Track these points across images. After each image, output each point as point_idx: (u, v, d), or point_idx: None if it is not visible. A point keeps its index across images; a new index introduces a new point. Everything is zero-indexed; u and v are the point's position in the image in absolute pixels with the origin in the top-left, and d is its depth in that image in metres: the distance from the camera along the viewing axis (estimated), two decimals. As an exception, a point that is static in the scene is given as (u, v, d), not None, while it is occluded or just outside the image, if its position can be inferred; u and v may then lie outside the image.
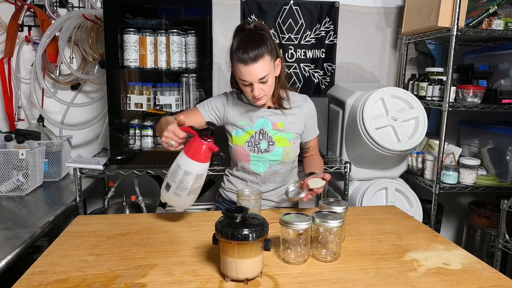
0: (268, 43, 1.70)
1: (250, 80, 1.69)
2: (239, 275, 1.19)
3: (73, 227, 1.63)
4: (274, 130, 1.88)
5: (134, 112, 2.57)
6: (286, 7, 3.04)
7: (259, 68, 1.67)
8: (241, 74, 1.69)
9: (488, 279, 1.25)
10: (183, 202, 1.62)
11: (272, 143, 1.87)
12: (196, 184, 1.56)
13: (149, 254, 1.38)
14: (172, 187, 1.57)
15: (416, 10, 2.91)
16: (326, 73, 3.19)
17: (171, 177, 1.56)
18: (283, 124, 1.89)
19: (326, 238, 1.35)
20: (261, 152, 1.87)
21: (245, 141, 1.89)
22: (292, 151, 1.91)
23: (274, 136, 1.87)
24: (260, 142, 1.87)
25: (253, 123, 1.89)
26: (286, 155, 1.88)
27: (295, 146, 1.92)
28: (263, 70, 1.68)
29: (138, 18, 2.53)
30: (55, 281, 1.19)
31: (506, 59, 2.95)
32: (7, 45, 2.79)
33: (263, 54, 1.67)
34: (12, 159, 2.33)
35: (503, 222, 2.51)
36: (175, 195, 1.57)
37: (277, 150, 1.87)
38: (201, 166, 1.53)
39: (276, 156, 1.87)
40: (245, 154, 1.89)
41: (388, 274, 1.27)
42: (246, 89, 1.76)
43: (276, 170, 1.91)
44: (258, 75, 1.68)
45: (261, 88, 1.72)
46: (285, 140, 1.89)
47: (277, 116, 1.90)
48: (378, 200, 2.73)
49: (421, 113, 2.55)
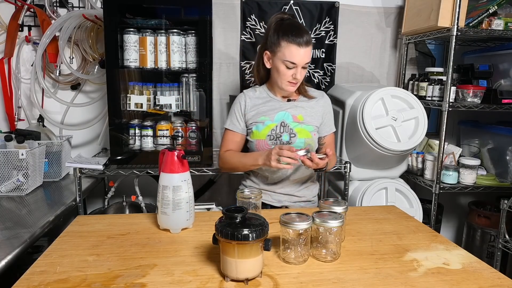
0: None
1: (299, 62, 1.82)
2: (239, 275, 1.19)
3: (73, 227, 1.63)
4: (295, 123, 1.94)
5: (134, 112, 2.57)
6: (286, 7, 3.04)
7: (308, 53, 1.83)
8: (292, 55, 1.81)
9: (488, 279, 1.25)
10: (173, 221, 1.57)
11: (294, 135, 1.92)
12: (177, 197, 1.53)
13: (149, 254, 1.38)
14: (158, 208, 1.58)
15: (416, 10, 2.91)
16: (326, 73, 3.19)
17: (157, 201, 1.58)
18: (303, 116, 1.96)
19: (326, 238, 1.35)
20: (283, 144, 1.90)
21: (266, 135, 1.94)
22: (313, 143, 1.97)
23: (295, 128, 1.93)
24: (282, 135, 1.93)
25: (273, 116, 1.95)
26: (308, 146, 1.92)
27: (315, 138, 1.98)
28: (309, 56, 1.85)
29: (138, 18, 2.52)
30: (55, 281, 1.18)
31: (506, 59, 2.95)
32: (7, 45, 2.79)
33: (311, 41, 1.84)
34: (12, 159, 2.33)
35: (503, 222, 2.51)
36: (162, 214, 1.56)
37: (299, 141, 1.92)
38: (175, 177, 1.53)
39: (298, 147, 1.87)
40: (268, 147, 1.92)
41: (388, 274, 1.27)
42: (287, 72, 1.86)
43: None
44: (306, 58, 1.84)
45: (301, 73, 1.86)
46: (306, 132, 1.94)
47: (297, 109, 1.97)
48: (378, 200, 2.73)
49: (421, 113, 2.55)
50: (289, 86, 1.90)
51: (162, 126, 2.56)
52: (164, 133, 2.56)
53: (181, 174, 1.54)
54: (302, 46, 1.80)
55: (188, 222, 1.60)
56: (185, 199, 1.55)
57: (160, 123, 2.56)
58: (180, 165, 1.54)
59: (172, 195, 1.53)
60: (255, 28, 3.03)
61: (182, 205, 1.55)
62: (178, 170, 1.53)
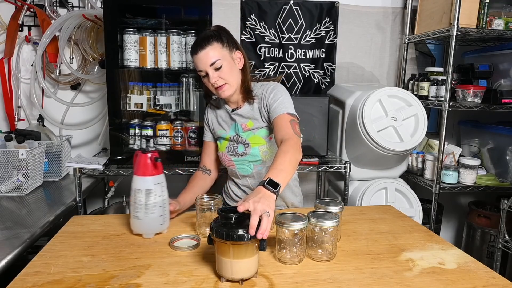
0: (220, 36, 1.78)
1: (202, 67, 1.75)
2: (234, 275, 1.19)
3: (68, 227, 1.63)
4: (246, 132, 1.90)
5: (134, 112, 2.57)
6: (286, 7, 3.04)
7: (208, 54, 1.73)
8: (196, 65, 1.78)
9: (483, 279, 1.25)
10: (145, 226, 1.53)
11: (247, 145, 1.89)
12: (150, 201, 1.50)
13: (144, 255, 1.38)
14: (131, 212, 1.54)
15: (428, 13, 2.92)
16: (326, 73, 3.19)
17: (130, 204, 1.55)
18: (252, 122, 1.90)
19: (321, 238, 1.36)
20: (240, 155, 1.92)
21: (225, 147, 1.95)
22: (270, 149, 1.89)
23: (248, 137, 1.89)
24: (238, 146, 1.92)
25: (227, 130, 1.95)
26: (264, 154, 1.89)
27: (272, 142, 1.89)
28: (213, 56, 1.73)
29: (138, 18, 2.53)
30: (49, 281, 1.19)
31: (506, 59, 2.94)
32: (7, 45, 2.80)
33: (211, 41, 1.74)
34: (12, 159, 2.34)
35: (503, 222, 2.51)
36: (134, 218, 1.53)
37: (254, 150, 1.89)
38: (147, 180, 1.50)
39: (255, 157, 1.89)
40: (228, 160, 1.96)
41: (384, 273, 1.27)
42: (205, 82, 1.82)
43: (260, 170, 1.92)
44: (207, 60, 1.73)
45: (218, 75, 1.76)
46: (259, 139, 1.89)
47: (244, 116, 1.91)
48: (378, 200, 2.73)
49: (420, 110, 2.55)
50: (219, 92, 1.80)
51: (162, 126, 2.56)
52: (164, 133, 2.56)
53: (154, 177, 1.51)
54: (198, 52, 1.74)
55: (162, 227, 1.56)
56: (158, 203, 1.52)
57: (160, 123, 2.56)
58: (153, 167, 1.50)
59: (145, 199, 1.49)
60: (255, 28, 3.03)
61: (155, 209, 1.51)
62: (151, 173, 1.50)
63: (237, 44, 1.86)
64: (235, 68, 1.82)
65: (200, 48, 1.74)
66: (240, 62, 1.85)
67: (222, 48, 1.76)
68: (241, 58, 1.85)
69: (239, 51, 1.84)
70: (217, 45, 1.75)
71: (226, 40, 1.79)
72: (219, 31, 1.81)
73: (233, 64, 1.81)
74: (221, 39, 1.77)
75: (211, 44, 1.74)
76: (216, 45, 1.75)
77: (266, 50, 3.08)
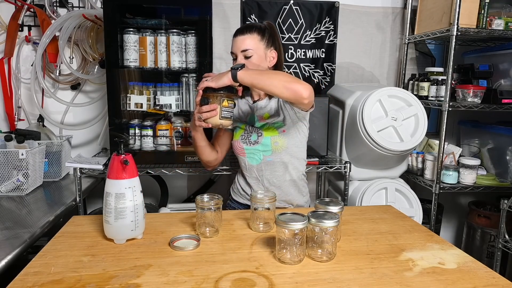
0: (265, 31, 1.89)
1: (234, 50, 1.88)
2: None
3: (68, 227, 1.63)
4: (260, 122, 1.97)
5: (134, 112, 2.58)
6: (286, 7, 3.04)
7: (244, 40, 1.85)
8: (232, 47, 1.91)
9: (483, 279, 1.25)
10: (115, 231, 1.47)
11: (260, 134, 1.94)
12: (120, 206, 1.44)
13: (144, 255, 1.38)
14: (103, 216, 1.49)
15: (428, 13, 2.92)
16: (326, 73, 3.19)
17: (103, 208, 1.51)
18: (268, 114, 1.97)
19: (321, 238, 1.36)
20: (252, 144, 1.96)
21: (239, 135, 2.00)
22: (281, 140, 1.92)
23: (262, 128, 1.95)
24: (251, 135, 1.96)
25: (244, 119, 2.02)
26: (275, 144, 1.92)
27: (286, 135, 1.93)
28: (248, 44, 1.84)
29: (138, 18, 2.53)
30: (49, 281, 1.19)
31: (506, 59, 2.94)
32: (7, 45, 2.80)
33: (252, 31, 1.86)
34: (12, 159, 2.34)
35: (503, 222, 2.51)
36: (105, 223, 1.47)
37: (265, 140, 1.93)
38: (118, 184, 1.44)
39: (266, 146, 1.93)
40: (240, 148, 1.99)
41: (384, 273, 1.27)
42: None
43: (270, 161, 1.95)
44: (241, 46, 1.85)
45: (245, 63, 1.82)
46: (273, 130, 1.94)
47: (262, 109, 1.99)
48: (378, 200, 2.73)
49: (420, 110, 2.55)
50: None
51: (162, 126, 2.56)
52: (164, 133, 2.56)
53: (125, 181, 1.45)
54: (237, 36, 1.87)
55: (134, 233, 1.49)
56: (129, 207, 1.45)
57: (160, 123, 2.57)
58: (123, 171, 1.45)
59: (115, 203, 1.44)
60: (255, 28, 3.03)
61: (126, 214, 1.45)
62: (122, 176, 1.44)
63: (278, 45, 1.94)
64: (264, 64, 1.90)
65: (240, 32, 1.87)
66: (272, 61, 1.93)
67: (259, 41, 1.87)
68: (274, 58, 1.93)
69: (276, 51, 1.93)
70: (256, 36, 1.86)
71: (267, 36, 1.89)
72: (266, 26, 1.91)
73: (264, 60, 1.90)
74: (262, 33, 1.87)
75: (251, 33, 1.85)
76: (256, 36, 1.86)
77: (266, 50, 3.08)
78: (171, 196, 3.16)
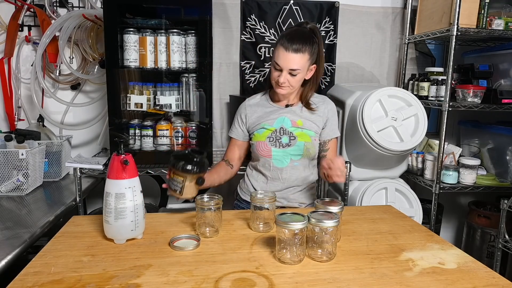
0: (313, 46, 1.87)
1: (282, 65, 1.84)
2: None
3: (68, 227, 1.63)
4: (293, 127, 1.97)
5: (134, 112, 2.57)
6: (286, 7, 3.04)
7: (294, 60, 1.82)
8: (278, 57, 1.85)
9: (483, 279, 1.25)
10: (115, 231, 1.47)
11: (294, 138, 1.95)
12: (120, 206, 1.44)
13: (144, 255, 1.38)
14: (103, 216, 1.50)
15: (428, 13, 2.92)
16: (326, 73, 3.19)
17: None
18: (302, 122, 1.98)
19: (321, 238, 1.36)
20: (282, 146, 1.96)
21: (266, 137, 1.98)
22: (313, 148, 1.97)
23: (294, 132, 1.96)
24: (282, 137, 1.96)
25: (272, 122, 2.00)
26: (307, 150, 1.95)
27: (315, 143, 1.99)
28: (297, 64, 1.83)
29: (138, 18, 2.53)
30: (49, 281, 1.19)
31: (506, 59, 2.94)
32: (7, 45, 2.80)
33: (305, 50, 1.83)
34: (12, 159, 2.34)
35: (503, 222, 2.51)
36: (105, 223, 1.48)
37: (299, 144, 1.95)
38: (118, 184, 1.45)
39: (298, 150, 1.95)
40: (267, 149, 1.98)
41: (384, 273, 1.27)
42: (274, 73, 1.89)
43: (296, 165, 1.97)
44: (291, 64, 1.83)
45: (288, 78, 1.86)
46: (306, 136, 1.96)
47: (296, 115, 1.99)
48: (378, 200, 2.73)
49: (420, 110, 2.55)
50: (277, 88, 1.92)
51: (162, 126, 2.56)
52: (164, 133, 2.56)
53: (125, 181, 1.45)
54: (289, 51, 1.81)
55: (134, 233, 1.49)
56: (130, 208, 1.46)
57: (160, 123, 2.57)
58: (123, 171, 1.45)
59: (115, 203, 1.44)
60: (255, 28, 3.03)
61: (126, 214, 1.45)
62: (122, 176, 1.45)
63: (320, 59, 1.94)
64: (303, 77, 1.92)
65: (292, 49, 1.81)
66: (309, 74, 1.94)
67: (307, 60, 1.87)
68: (312, 71, 1.94)
69: (316, 65, 1.93)
70: (307, 56, 1.85)
71: (314, 53, 1.88)
72: (316, 40, 1.88)
73: (305, 74, 1.92)
74: (311, 51, 1.86)
75: (303, 52, 1.83)
76: (306, 56, 1.85)
77: (266, 50, 3.08)
78: (171, 196, 3.15)
